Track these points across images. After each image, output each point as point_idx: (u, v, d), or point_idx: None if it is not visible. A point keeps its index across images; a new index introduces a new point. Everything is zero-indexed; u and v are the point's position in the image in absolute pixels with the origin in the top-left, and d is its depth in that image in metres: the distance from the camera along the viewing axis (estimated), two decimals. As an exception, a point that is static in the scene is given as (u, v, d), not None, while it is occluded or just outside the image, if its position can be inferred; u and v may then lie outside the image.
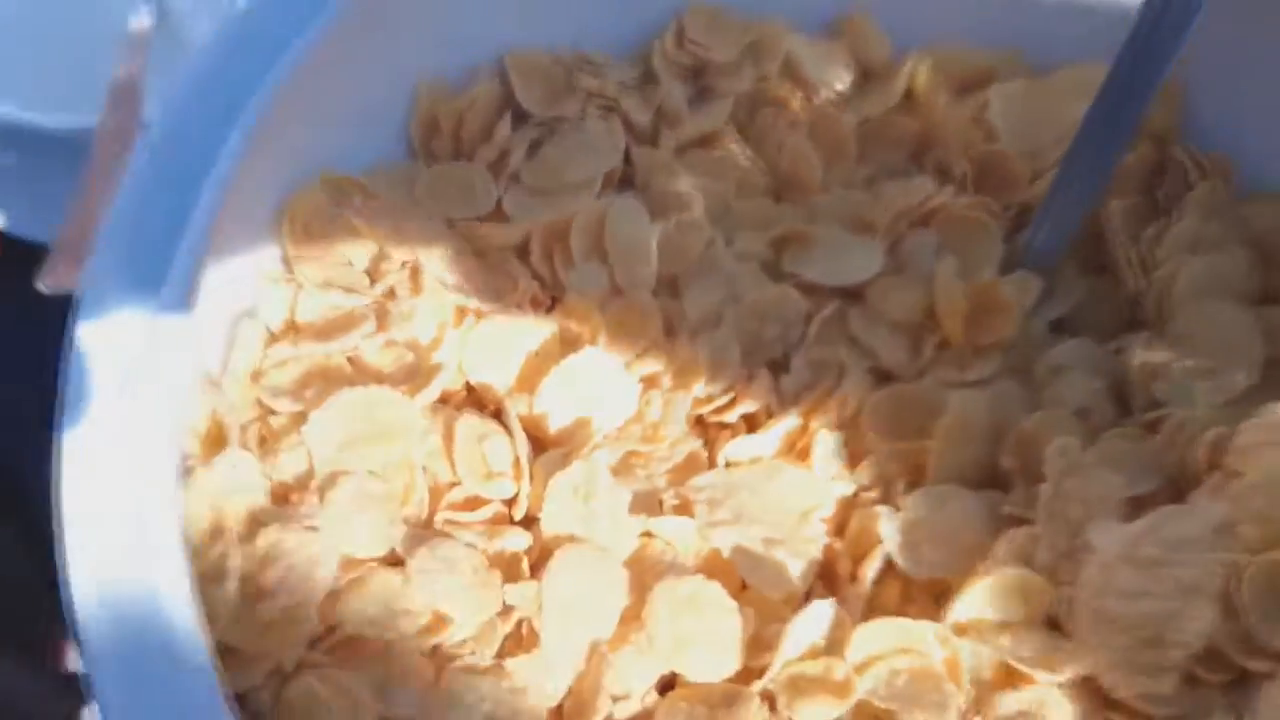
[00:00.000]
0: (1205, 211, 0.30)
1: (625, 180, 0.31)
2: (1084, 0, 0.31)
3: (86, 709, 0.36)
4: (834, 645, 0.24)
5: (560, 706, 0.24)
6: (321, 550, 0.24)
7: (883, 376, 0.28)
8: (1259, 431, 0.25)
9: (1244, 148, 0.31)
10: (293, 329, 0.27)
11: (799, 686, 0.24)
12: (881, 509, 0.26)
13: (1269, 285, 0.29)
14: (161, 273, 0.24)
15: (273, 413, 0.26)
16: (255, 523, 0.24)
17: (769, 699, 0.24)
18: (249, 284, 0.27)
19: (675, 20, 0.31)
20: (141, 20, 0.36)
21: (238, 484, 0.24)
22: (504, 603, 0.24)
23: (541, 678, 0.24)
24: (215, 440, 0.25)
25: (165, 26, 0.37)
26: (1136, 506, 0.24)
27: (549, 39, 0.31)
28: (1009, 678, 0.24)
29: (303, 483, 0.25)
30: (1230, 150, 0.31)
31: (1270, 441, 0.24)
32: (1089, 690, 0.24)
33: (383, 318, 0.27)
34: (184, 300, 0.23)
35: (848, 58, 0.32)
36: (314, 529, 0.24)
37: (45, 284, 0.30)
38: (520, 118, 0.30)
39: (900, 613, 0.24)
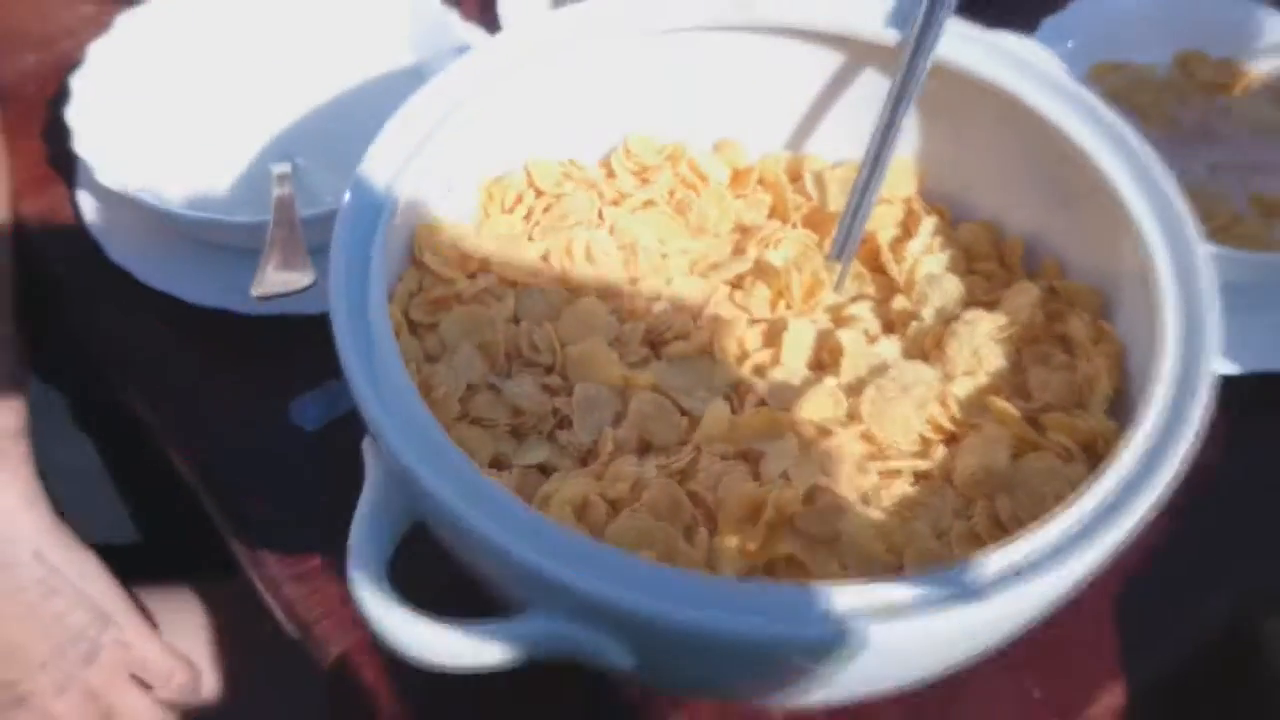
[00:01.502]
0: (934, 231, 0.52)
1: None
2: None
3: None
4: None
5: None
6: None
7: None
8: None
9: (956, 198, 0.54)
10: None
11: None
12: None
13: (972, 268, 0.52)
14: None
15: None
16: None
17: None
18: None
19: (624, 142, 0.54)
20: (283, 167, 0.58)
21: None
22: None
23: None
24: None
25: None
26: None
27: (554, 152, 0.53)
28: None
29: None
30: (949, 200, 0.54)
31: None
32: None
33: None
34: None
35: (723, 160, 0.55)
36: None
37: (255, 292, 0.50)
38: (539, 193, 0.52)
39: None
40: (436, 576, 0.39)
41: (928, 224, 0.52)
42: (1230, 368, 0.56)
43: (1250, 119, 0.65)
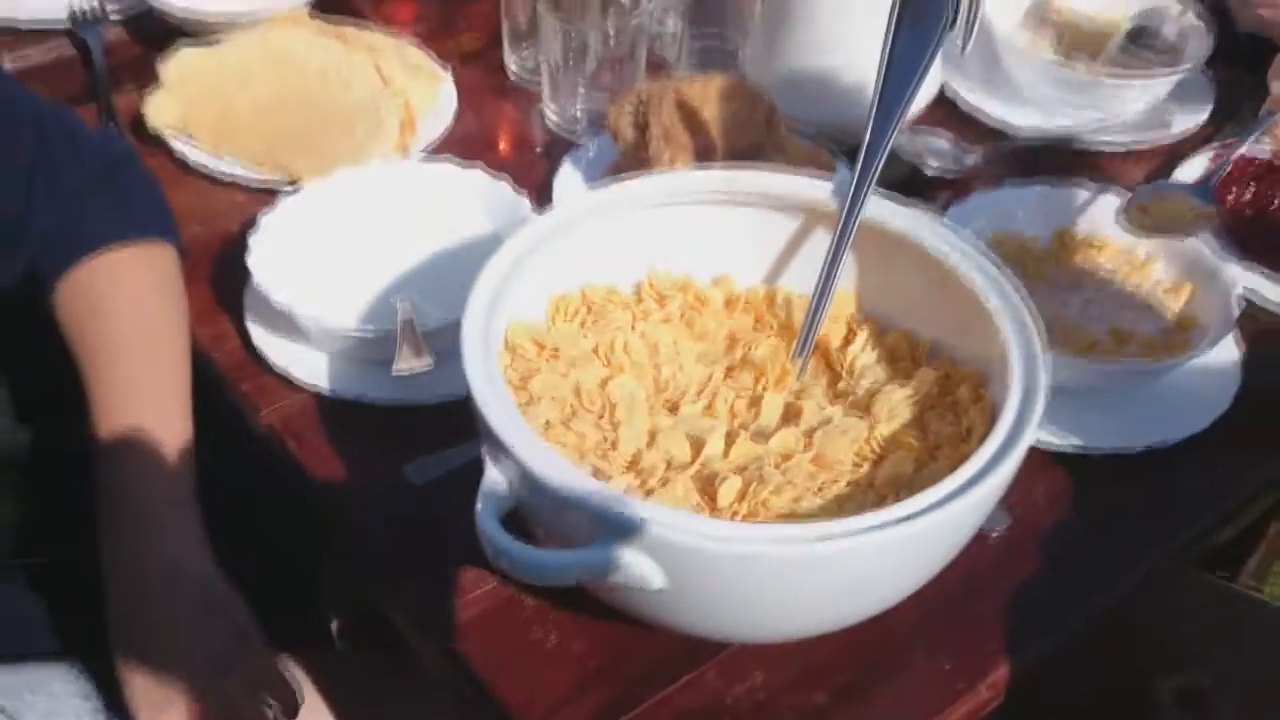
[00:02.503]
0: (867, 338, 0.75)
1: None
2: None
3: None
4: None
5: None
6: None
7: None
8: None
9: (883, 315, 0.76)
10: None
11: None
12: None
13: (893, 362, 0.74)
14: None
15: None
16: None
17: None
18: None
19: (649, 276, 0.77)
20: (404, 298, 0.81)
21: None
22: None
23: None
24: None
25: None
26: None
27: (599, 281, 0.76)
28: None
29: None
30: (878, 316, 0.76)
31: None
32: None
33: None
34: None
35: (719, 290, 0.78)
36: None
37: (396, 370, 0.72)
38: (590, 308, 0.75)
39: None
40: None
41: (863, 334, 0.74)
42: (1075, 443, 0.78)
43: (1108, 279, 0.88)
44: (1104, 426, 0.80)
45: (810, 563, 0.55)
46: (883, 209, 0.73)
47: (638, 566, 0.56)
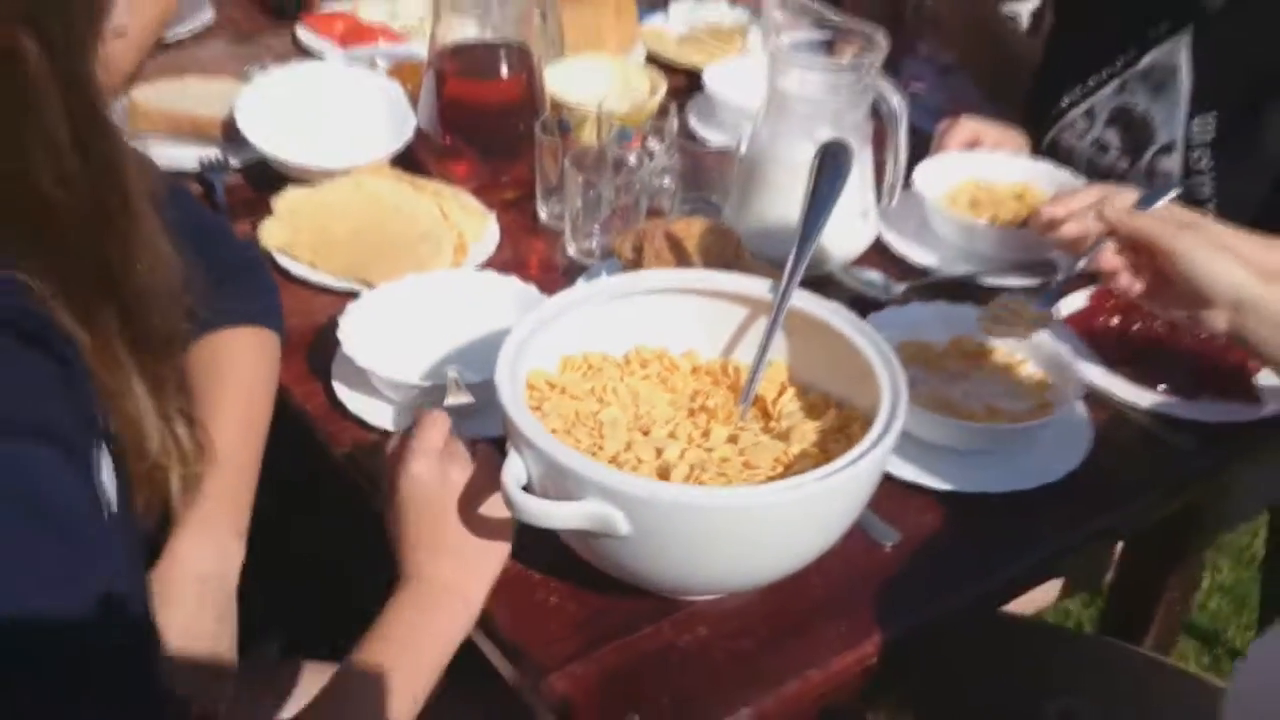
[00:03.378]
0: (794, 395, 1.01)
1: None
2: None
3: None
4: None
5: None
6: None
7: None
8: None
9: (807, 380, 1.03)
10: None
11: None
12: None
13: (810, 410, 1.01)
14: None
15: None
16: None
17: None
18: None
19: (635, 347, 1.04)
20: (452, 366, 1.08)
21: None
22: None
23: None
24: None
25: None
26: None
27: (596, 347, 1.04)
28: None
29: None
30: (803, 381, 1.03)
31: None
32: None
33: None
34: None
35: (686, 359, 1.05)
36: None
37: (445, 404, 0.99)
38: (589, 366, 1.02)
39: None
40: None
41: (790, 391, 1.01)
42: (954, 487, 1.04)
43: (990, 372, 1.15)
44: (978, 476, 1.06)
45: (727, 512, 0.81)
46: (809, 303, 1.00)
47: (611, 515, 0.82)
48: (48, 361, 0.66)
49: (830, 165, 1.04)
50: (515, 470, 0.85)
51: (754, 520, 0.83)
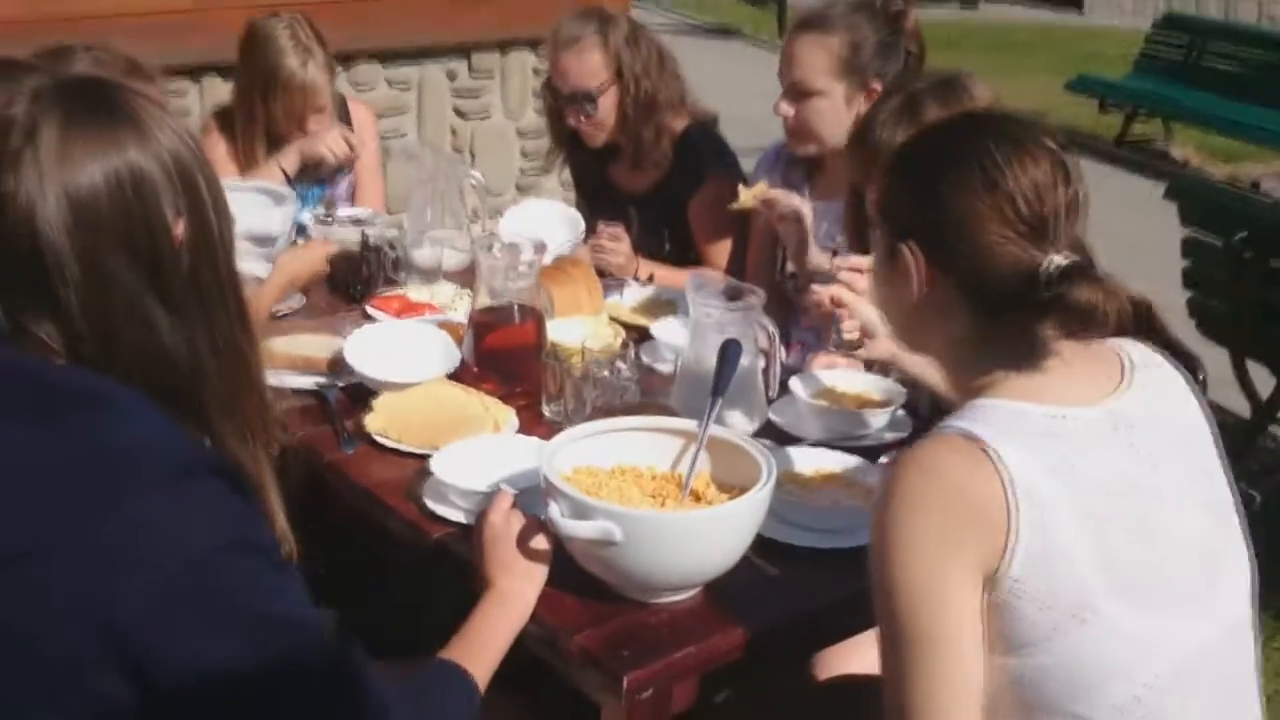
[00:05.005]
0: (716, 488, 1.69)
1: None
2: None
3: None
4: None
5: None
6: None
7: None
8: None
9: (725, 481, 1.71)
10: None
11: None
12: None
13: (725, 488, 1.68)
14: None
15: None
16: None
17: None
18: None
19: (616, 463, 1.72)
20: (503, 483, 1.76)
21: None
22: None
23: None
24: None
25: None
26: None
27: (589, 461, 1.72)
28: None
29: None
30: (721, 481, 1.71)
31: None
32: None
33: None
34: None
35: (648, 471, 1.73)
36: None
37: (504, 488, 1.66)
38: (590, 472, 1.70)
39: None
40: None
41: (713, 486, 1.69)
42: (818, 545, 1.71)
43: (829, 487, 1.85)
44: (830, 540, 1.73)
45: (673, 524, 1.48)
46: (721, 433, 1.71)
47: (610, 527, 1.48)
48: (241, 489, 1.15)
49: (727, 355, 1.77)
50: (553, 511, 1.52)
51: (686, 532, 1.50)
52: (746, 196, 2.47)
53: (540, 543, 1.56)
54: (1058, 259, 1.32)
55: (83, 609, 1.00)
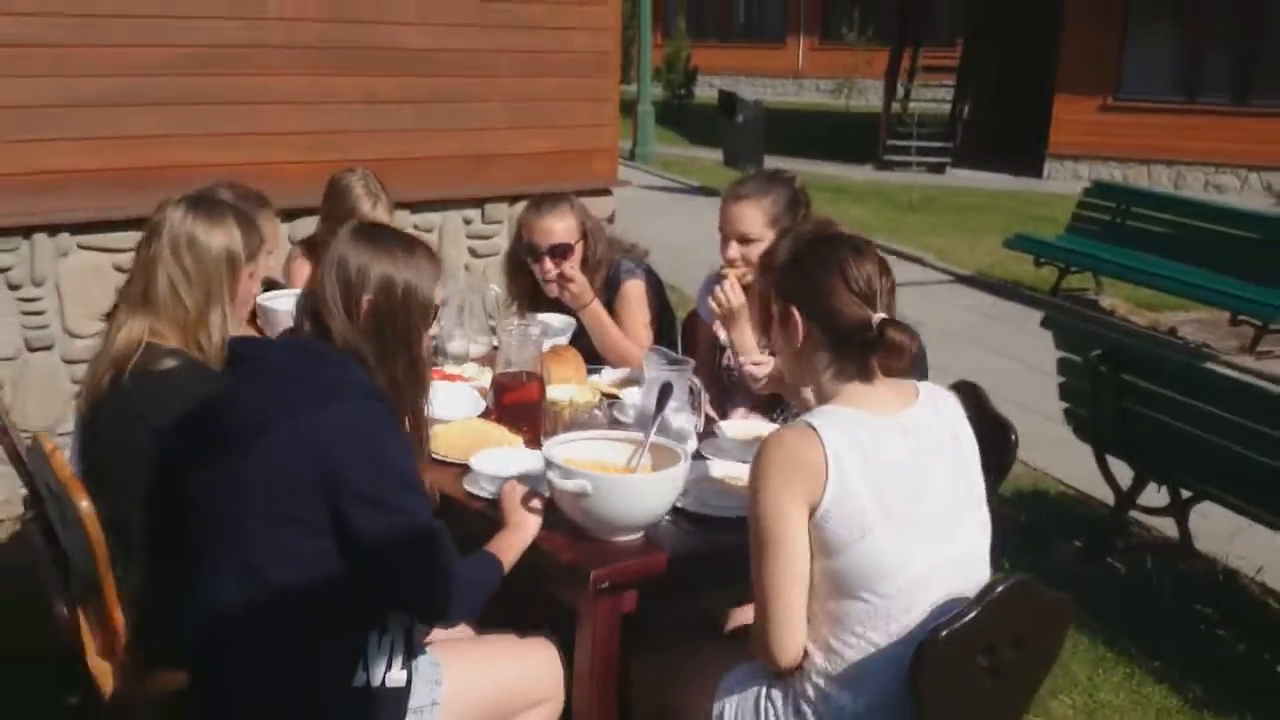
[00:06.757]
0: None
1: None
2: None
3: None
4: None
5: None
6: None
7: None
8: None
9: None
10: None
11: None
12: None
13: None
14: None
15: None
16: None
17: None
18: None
19: (591, 461, 2.66)
20: (520, 474, 2.70)
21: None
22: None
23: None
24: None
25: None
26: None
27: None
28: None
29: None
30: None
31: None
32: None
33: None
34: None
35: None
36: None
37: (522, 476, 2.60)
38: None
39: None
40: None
41: (652, 470, 2.64)
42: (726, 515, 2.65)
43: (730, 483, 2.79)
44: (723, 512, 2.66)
45: (625, 483, 2.44)
46: (660, 441, 2.66)
47: (585, 484, 2.43)
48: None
49: (664, 392, 2.74)
50: (550, 474, 2.47)
51: (634, 490, 2.45)
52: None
53: (536, 503, 2.52)
54: (881, 314, 2.29)
55: (305, 459, 2.02)
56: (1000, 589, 2.10)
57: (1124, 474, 4.85)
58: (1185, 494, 4.68)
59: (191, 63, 5.33)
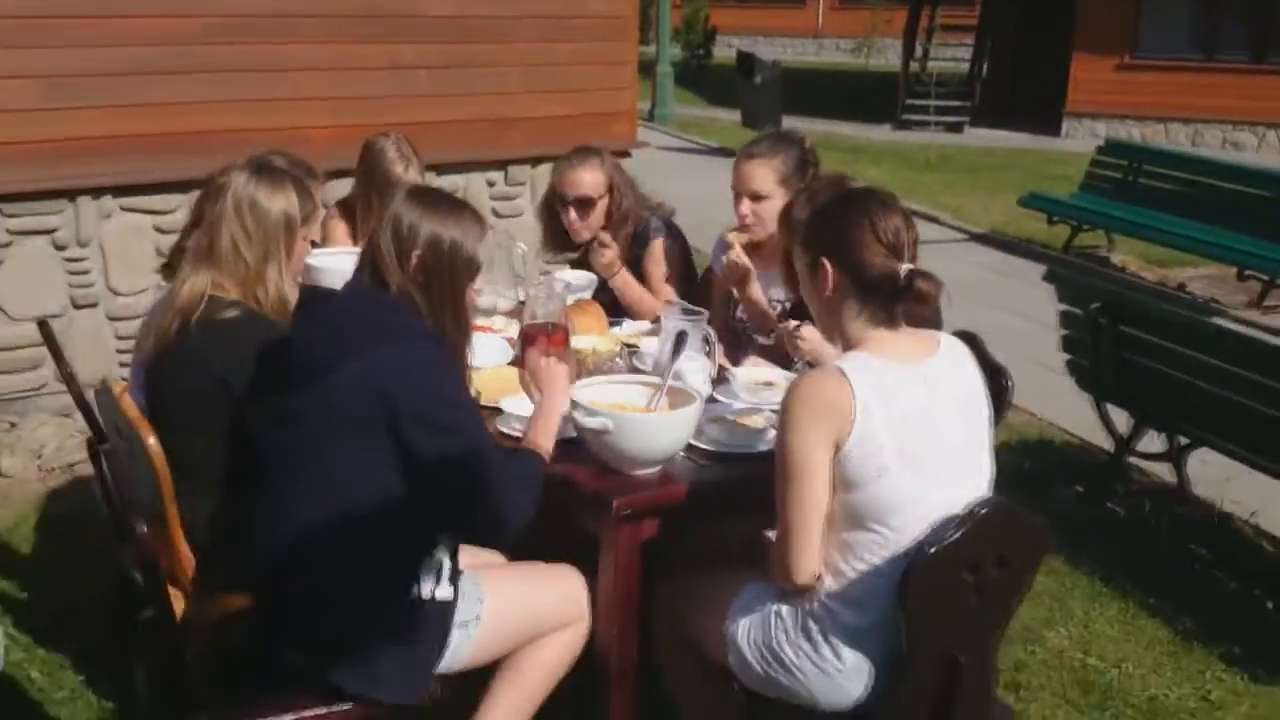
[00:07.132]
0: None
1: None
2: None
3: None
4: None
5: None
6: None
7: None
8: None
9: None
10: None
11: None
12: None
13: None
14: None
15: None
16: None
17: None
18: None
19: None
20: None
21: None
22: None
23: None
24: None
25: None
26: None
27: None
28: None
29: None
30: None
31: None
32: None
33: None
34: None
35: (632, 406, 2.90)
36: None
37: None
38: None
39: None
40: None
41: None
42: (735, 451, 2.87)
43: (742, 423, 3.01)
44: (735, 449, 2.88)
45: (644, 421, 2.66)
46: (676, 384, 2.88)
47: (607, 422, 2.65)
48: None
49: (679, 339, 2.95)
50: (575, 413, 2.69)
51: (651, 427, 2.67)
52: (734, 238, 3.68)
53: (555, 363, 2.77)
54: (908, 266, 2.48)
55: (370, 392, 2.27)
56: (984, 511, 2.31)
57: (1125, 424, 5.03)
58: (1183, 441, 4.87)
59: (221, 32, 5.55)
